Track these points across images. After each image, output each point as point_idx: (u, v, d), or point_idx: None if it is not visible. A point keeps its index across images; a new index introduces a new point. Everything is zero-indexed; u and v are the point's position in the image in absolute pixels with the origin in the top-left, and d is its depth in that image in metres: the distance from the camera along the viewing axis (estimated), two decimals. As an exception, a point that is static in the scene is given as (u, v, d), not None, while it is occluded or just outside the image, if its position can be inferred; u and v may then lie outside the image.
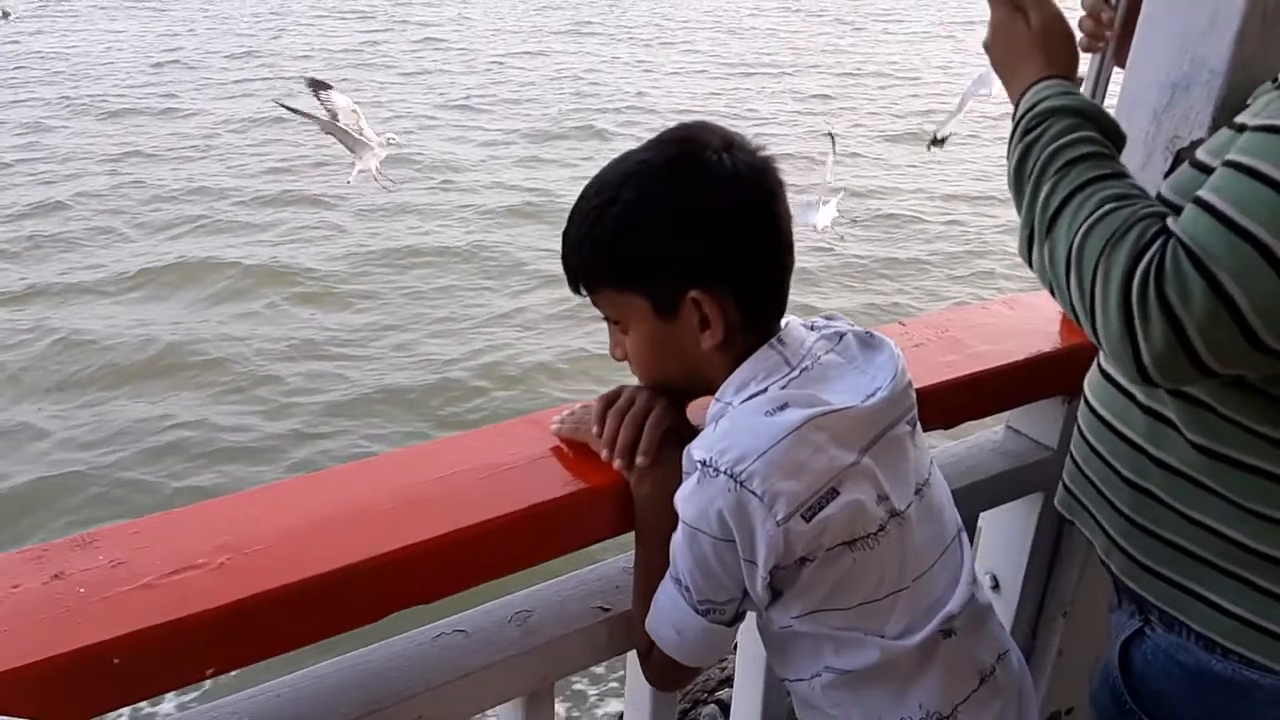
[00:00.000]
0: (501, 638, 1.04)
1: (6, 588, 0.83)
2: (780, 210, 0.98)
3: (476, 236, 8.60)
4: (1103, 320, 0.84)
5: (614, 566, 1.14)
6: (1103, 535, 1.10)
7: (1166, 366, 0.81)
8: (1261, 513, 0.93)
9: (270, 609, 0.86)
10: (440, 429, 5.76)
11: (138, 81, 13.70)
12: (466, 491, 0.98)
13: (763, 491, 0.89)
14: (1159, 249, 0.81)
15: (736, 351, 0.98)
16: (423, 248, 8.34)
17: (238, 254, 8.08)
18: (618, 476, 1.02)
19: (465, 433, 1.13)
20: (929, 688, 0.99)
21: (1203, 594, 0.99)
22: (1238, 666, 0.98)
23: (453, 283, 7.79)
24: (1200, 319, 0.78)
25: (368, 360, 6.57)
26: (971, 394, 1.30)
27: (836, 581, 0.95)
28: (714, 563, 0.94)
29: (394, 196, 9.10)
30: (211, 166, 10.27)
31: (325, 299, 7.49)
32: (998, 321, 1.41)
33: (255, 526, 0.91)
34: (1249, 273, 0.77)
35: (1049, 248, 0.89)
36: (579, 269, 0.99)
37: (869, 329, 1.06)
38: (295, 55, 15.50)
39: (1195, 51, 1.14)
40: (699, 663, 1.04)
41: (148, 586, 0.83)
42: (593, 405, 1.05)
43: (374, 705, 0.96)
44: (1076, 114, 0.94)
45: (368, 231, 8.68)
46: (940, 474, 1.08)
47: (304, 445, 5.66)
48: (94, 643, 0.78)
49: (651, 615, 1.01)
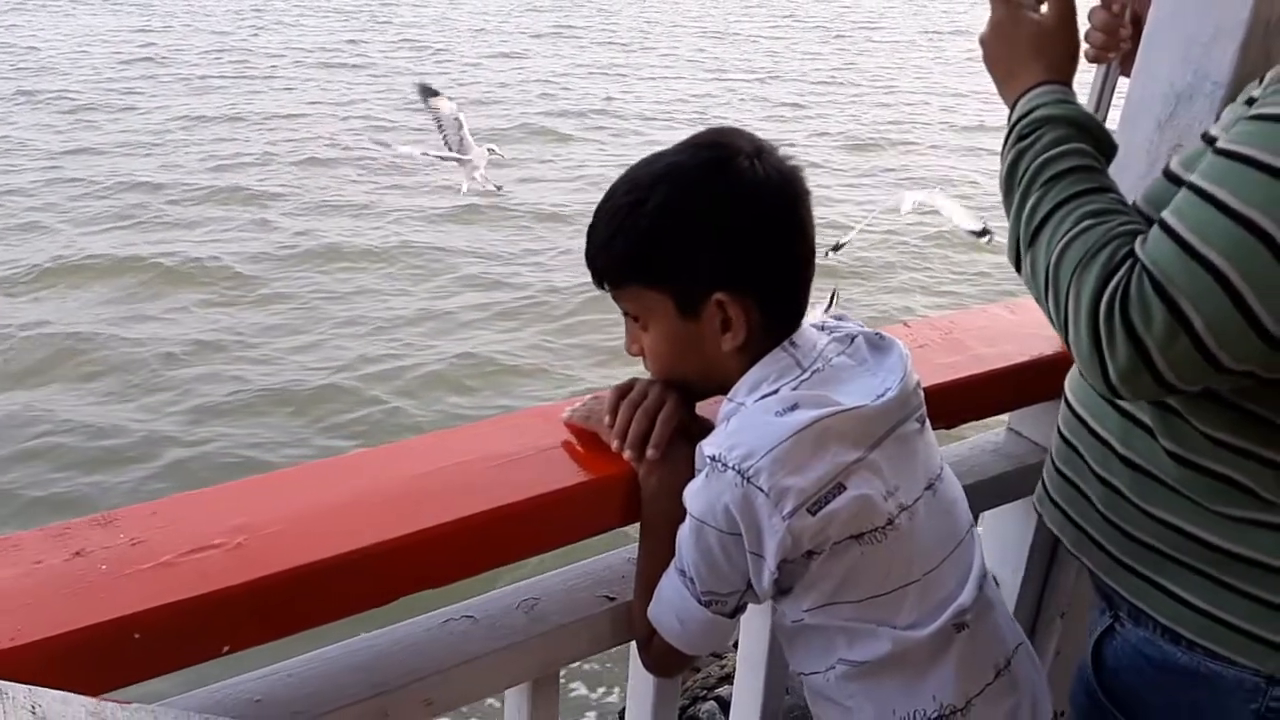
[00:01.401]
0: (509, 624, 1.06)
1: (29, 564, 0.85)
2: (805, 218, 1.00)
3: (407, 238, 8.42)
4: (1074, 336, 0.88)
5: (619, 557, 1.16)
6: (1073, 529, 1.12)
7: (1132, 383, 0.85)
8: (1226, 513, 0.96)
9: (285, 589, 0.88)
10: (323, 437, 5.59)
11: (103, 76, 13.59)
12: (477, 479, 1.01)
13: (769, 487, 0.91)
14: (1126, 273, 0.84)
15: (753, 353, 1.00)
16: (348, 248, 8.15)
17: (155, 251, 7.85)
18: (625, 468, 1.04)
19: (477, 423, 1.15)
20: (943, 680, 1.01)
21: (1168, 588, 1.02)
22: (1201, 658, 1.01)
23: (371, 284, 7.60)
24: (1160, 340, 0.82)
25: (265, 363, 6.35)
26: (973, 395, 1.32)
27: (845, 574, 0.97)
28: (719, 556, 0.96)
29: (334, 197, 9.03)
30: (153, 163, 10.11)
31: (236, 298, 7.28)
32: (999, 325, 1.43)
33: (271, 509, 0.94)
34: (1204, 297, 0.80)
35: (1032, 259, 0.93)
36: (606, 265, 1.01)
37: (878, 330, 1.09)
38: (270, 53, 15.38)
39: (1199, 63, 1.16)
40: (698, 651, 1.06)
41: (167, 565, 0.86)
42: (605, 396, 1.07)
43: (383, 687, 0.98)
44: (1070, 124, 0.96)
45: (298, 231, 8.46)
46: (952, 473, 1.10)
47: (174, 448, 5.40)
48: (116, 617, 0.80)
49: (655, 605, 1.03)
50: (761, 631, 1.30)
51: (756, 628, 1.31)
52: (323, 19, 19.12)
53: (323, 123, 11.64)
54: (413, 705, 1.00)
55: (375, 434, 5.58)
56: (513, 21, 19.68)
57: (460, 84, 13.90)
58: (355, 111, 12.20)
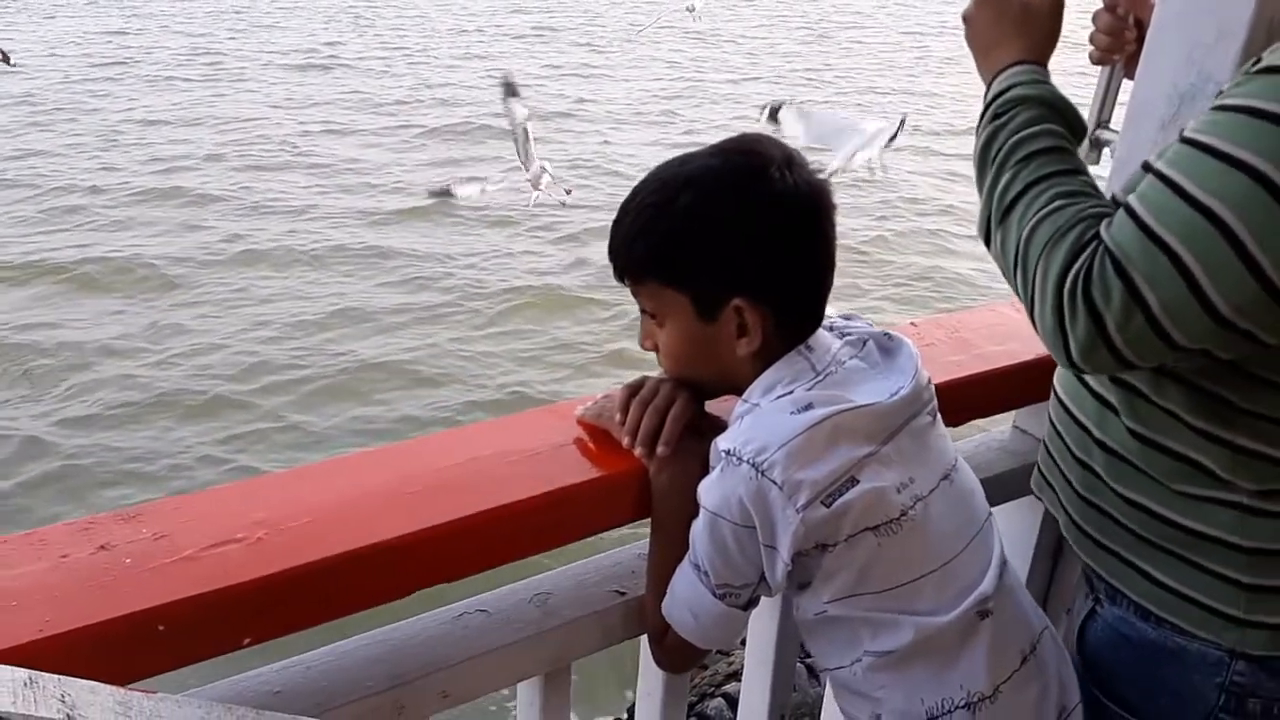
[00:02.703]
0: (521, 618, 1.08)
1: (56, 557, 0.87)
2: (829, 231, 1.02)
3: (343, 241, 8.21)
4: (1039, 312, 0.91)
5: (630, 553, 1.17)
6: (1063, 512, 1.16)
7: (1090, 357, 0.89)
8: (1186, 492, 1.00)
9: (304, 583, 0.90)
10: (212, 448, 5.40)
11: (70, 79, 13.37)
12: (491, 475, 1.02)
13: (783, 481, 0.93)
14: (1090, 253, 0.88)
15: (767, 357, 1.01)
16: (278, 251, 7.93)
17: (80, 256, 7.66)
18: (636, 465, 1.06)
19: (491, 420, 1.17)
20: (970, 669, 1.02)
21: (1140, 566, 1.06)
22: (1169, 634, 1.05)
23: (296, 288, 7.37)
24: (1118, 318, 0.86)
25: (159, 366, 6.19)
26: (979, 393, 1.33)
27: (864, 565, 0.98)
28: (733, 549, 0.97)
29: (270, 200, 8.87)
30: (97, 164, 9.93)
31: (151, 300, 7.10)
32: (1005, 323, 1.44)
33: (291, 504, 0.96)
34: (1160, 279, 0.84)
35: (1002, 235, 0.96)
36: (627, 262, 1.02)
37: (886, 329, 1.10)
38: (245, 57, 15.14)
39: (1202, 64, 1.17)
40: (712, 645, 1.08)
41: (190, 559, 0.88)
42: (616, 394, 1.08)
43: (398, 679, 1.00)
44: (1044, 105, 1.00)
45: (231, 234, 8.29)
46: (966, 464, 1.11)
47: (48, 459, 5.23)
48: (141, 609, 0.82)
49: (669, 600, 1.05)
50: (769, 628, 1.32)
51: (764, 625, 1.32)
52: (305, 20, 18.91)
53: (282, 125, 11.47)
54: (428, 697, 1.02)
55: (261, 445, 5.44)
56: (496, 22, 19.47)
57: (429, 85, 13.75)
58: (315, 115, 11.96)
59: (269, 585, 0.88)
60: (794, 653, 1.37)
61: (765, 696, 1.37)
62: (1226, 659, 1.02)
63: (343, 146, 10.84)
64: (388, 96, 12.94)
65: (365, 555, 0.92)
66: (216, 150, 10.39)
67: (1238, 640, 1.01)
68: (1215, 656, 1.02)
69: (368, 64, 15.08)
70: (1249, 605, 1.00)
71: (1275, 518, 0.97)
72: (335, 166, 10.13)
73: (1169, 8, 1.17)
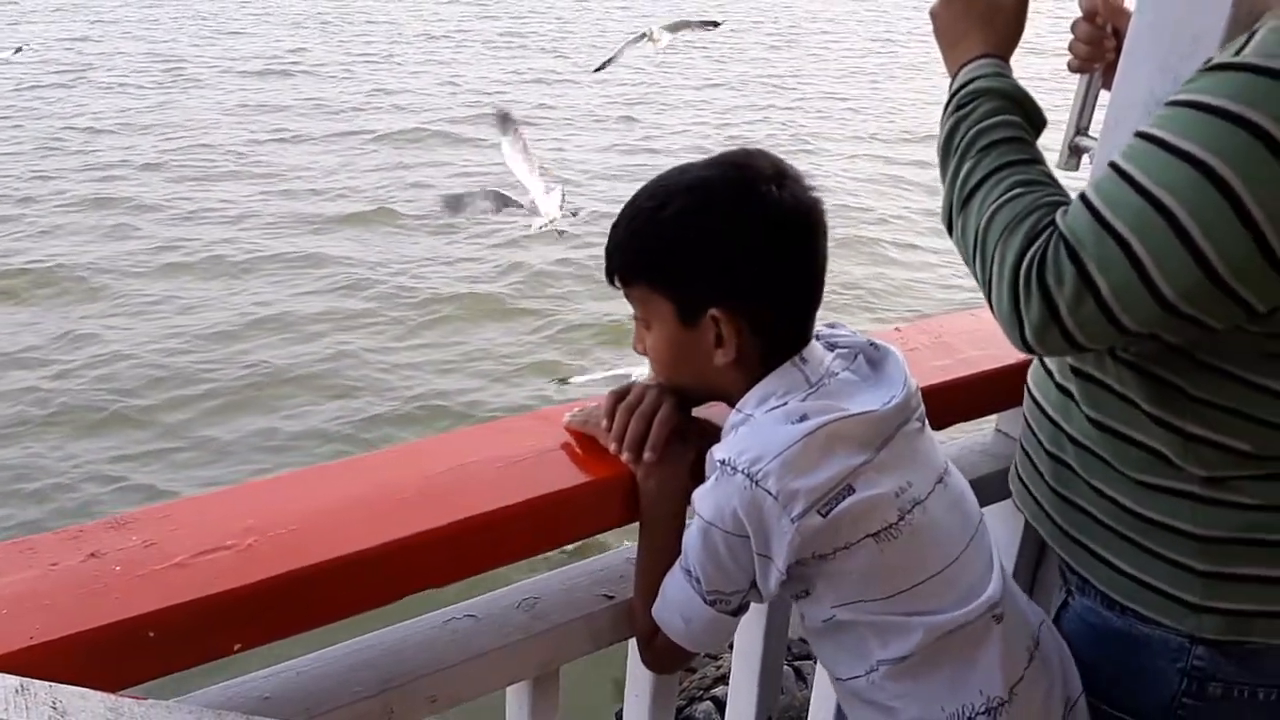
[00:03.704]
0: (510, 622, 1.09)
1: (45, 565, 0.88)
2: (818, 247, 1.03)
3: (279, 249, 8.04)
4: (996, 295, 0.96)
5: (619, 557, 1.18)
6: (1034, 504, 1.19)
7: (1043, 338, 0.93)
8: (1145, 481, 1.03)
9: (294, 589, 0.90)
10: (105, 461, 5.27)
11: (23, 86, 13.01)
12: (479, 481, 1.03)
13: (778, 490, 0.94)
14: (1045, 239, 0.92)
15: (751, 367, 1.02)
16: (202, 260, 7.75)
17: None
18: (623, 470, 1.07)
19: (478, 426, 1.18)
20: (987, 673, 1.02)
21: (1104, 556, 1.09)
22: (1133, 622, 1.08)
23: (213, 296, 7.19)
24: (1069, 300, 0.90)
25: (62, 378, 6.03)
26: (962, 397, 1.35)
27: (867, 571, 0.99)
28: (725, 556, 0.98)
29: (208, 209, 8.72)
30: (31, 173, 9.71)
31: (68, 310, 6.94)
32: (987, 329, 1.45)
33: (281, 511, 0.96)
34: (1110, 264, 0.88)
35: (963, 221, 1.00)
36: (618, 263, 1.04)
37: (872, 339, 1.11)
38: (205, 63, 14.81)
39: (1178, 72, 1.18)
40: (701, 649, 1.09)
41: (180, 565, 0.88)
42: (603, 400, 1.10)
43: (387, 684, 1.00)
44: (1005, 97, 1.04)
45: (163, 242, 8.07)
46: (955, 468, 1.12)
47: None
48: (131, 616, 0.83)
49: (659, 603, 1.06)
50: (757, 632, 1.33)
51: (751, 628, 1.33)
52: (271, 27, 18.50)
53: (231, 132, 11.27)
54: (417, 702, 1.02)
55: (156, 463, 5.28)
56: (465, 27, 19.12)
57: (387, 91, 13.58)
58: (268, 122, 11.74)
59: (259, 592, 0.88)
60: (781, 656, 1.38)
61: (752, 700, 1.38)
62: (1187, 644, 1.05)
63: (292, 153, 10.67)
64: (345, 103, 12.76)
65: (354, 561, 0.92)
66: (157, 159, 10.17)
67: (1195, 626, 1.04)
68: (1176, 642, 1.05)
69: (329, 70, 14.85)
70: (1205, 591, 1.02)
71: (1225, 506, 1.00)
72: (282, 174, 9.97)
73: (1144, 17, 1.19)
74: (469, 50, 16.96)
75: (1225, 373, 0.96)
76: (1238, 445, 0.98)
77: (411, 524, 0.96)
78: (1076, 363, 1.08)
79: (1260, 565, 1.01)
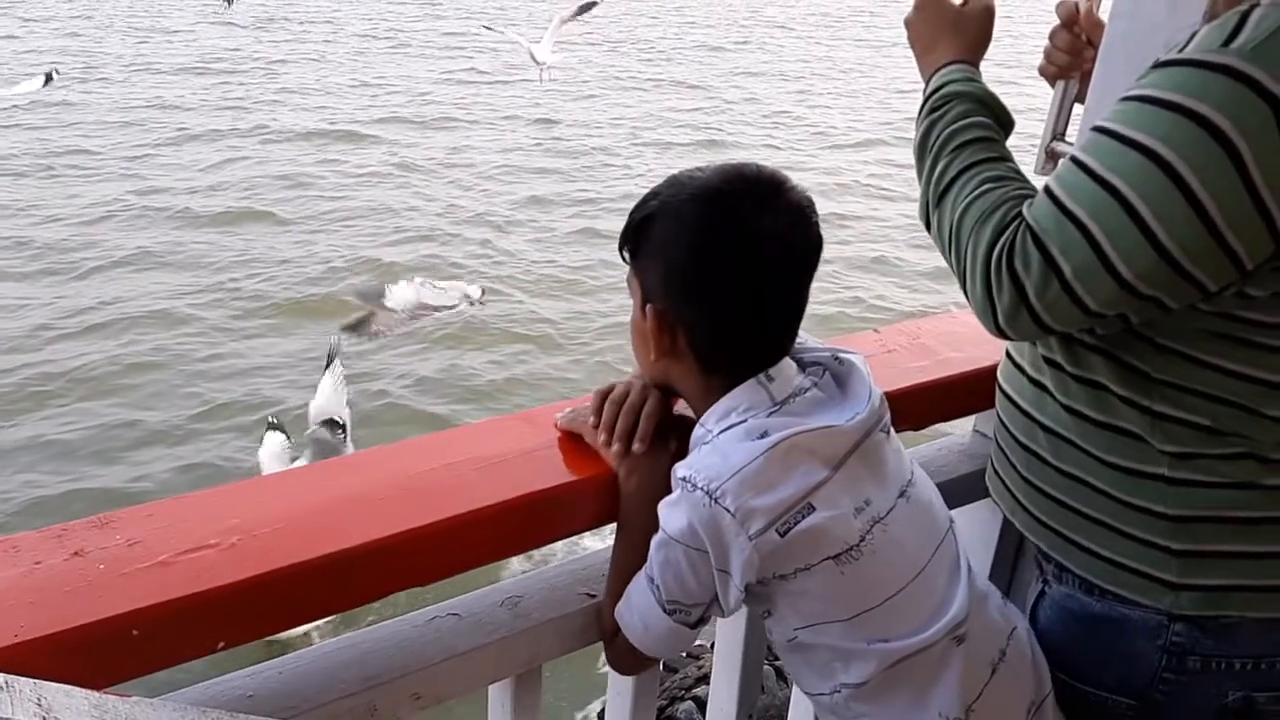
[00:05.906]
0: (492, 620, 1.09)
1: (29, 564, 0.88)
2: (795, 273, 1.02)
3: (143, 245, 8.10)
4: (970, 284, 1.02)
5: (600, 556, 1.19)
6: (1009, 497, 1.21)
7: (1014, 323, 0.99)
8: (1117, 464, 1.06)
9: (277, 587, 0.91)
10: None
11: None
12: (463, 480, 1.04)
13: (735, 508, 0.95)
14: (1014, 230, 0.98)
15: (709, 380, 1.03)
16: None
17: None
18: (605, 469, 1.08)
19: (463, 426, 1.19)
20: (946, 695, 1.03)
21: (1080, 541, 1.11)
22: (1112, 604, 1.11)
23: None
24: (1036, 285, 0.96)
25: None
26: (940, 398, 1.37)
27: (827, 593, 1.00)
28: (685, 570, 0.99)
29: (60, 204, 8.71)
30: None
31: None
32: (965, 330, 1.47)
33: (264, 510, 0.97)
34: (1072, 248, 0.94)
35: (939, 217, 1.06)
36: (621, 237, 1.07)
37: (836, 351, 1.10)
38: (130, 66, 14.52)
39: (1151, 78, 1.21)
40: (657, 655, 1.10)
41: (163, 564, 0.88)
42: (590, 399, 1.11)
43: (371, 682, 1.01)
44: (975, 100, 1.11)
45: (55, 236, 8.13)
46: (923, 472, 1.13)
47: None
48: (114, 615, 0.83)
49: (623, 604, 1.07)
50: (737, 633, 1.34)
51: (732, 629, 1.35)
52: (212, 27, 18.04)
53: (125, 130, 11.16)
54: (400, 700, 1.03)
55: None
56: (407, 26, 18.93)
57: (326, 90, 13.46)
58: (172, 120, 11.59)
59: (242, 590, 0.88)
60: (761, 655, 1.39)
61: (733, 699, 1.39)
62: (1165, 621, 1.07)
63: (184, 152, 10.60)
64: (301, 119, 12.48)
65: (338, 560, 0.93)
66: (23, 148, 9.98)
67: (1173, 603, 1.06)
68: (1155, 621, 1.08)
69: (272, 75, 14.56)
70: (1181, 570, 1.05)
71: (1194, 486, 1.03)
72: (183, 165, 9.95)
73: (1119, 25, 1.21)
74: (418, 49, 16.71)
75: (1180, 353, 1.01)
76: (1200, 421, 1.02)
77: (395, 523, 0.97)
78: (1048, 352, 1.11)
79: (1232, 542, 1.04)
